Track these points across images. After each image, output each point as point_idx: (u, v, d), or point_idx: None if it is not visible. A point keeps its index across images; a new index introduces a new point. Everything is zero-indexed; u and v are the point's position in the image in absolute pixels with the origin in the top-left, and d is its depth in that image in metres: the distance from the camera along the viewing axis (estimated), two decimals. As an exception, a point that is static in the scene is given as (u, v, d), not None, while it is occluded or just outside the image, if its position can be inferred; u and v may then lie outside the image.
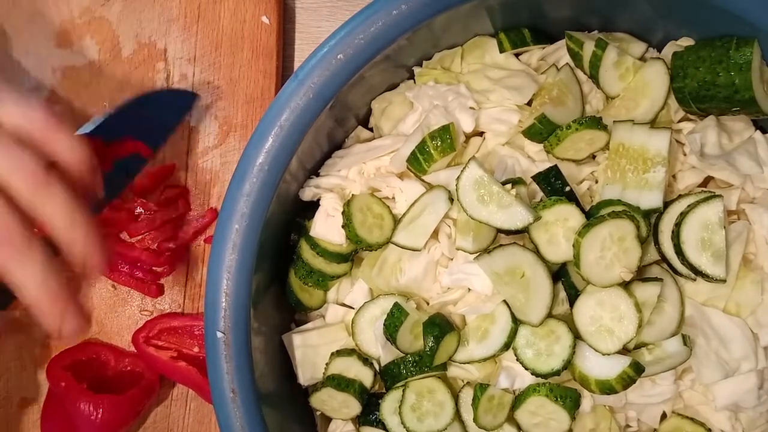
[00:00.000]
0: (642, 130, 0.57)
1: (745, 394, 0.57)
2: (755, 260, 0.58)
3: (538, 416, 0.57)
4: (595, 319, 0.55)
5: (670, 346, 0.55)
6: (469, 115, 0.61)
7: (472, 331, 0.58)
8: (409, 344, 0.58)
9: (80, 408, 0.69)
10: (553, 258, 0.56)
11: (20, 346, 0.76)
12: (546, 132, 0.59)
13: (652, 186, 0.56)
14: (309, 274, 0.63)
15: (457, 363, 0.59)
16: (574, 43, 0.61)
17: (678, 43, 0.60)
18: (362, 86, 0.62)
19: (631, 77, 0.59)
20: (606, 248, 0.54)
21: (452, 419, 0.58)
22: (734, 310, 0.57)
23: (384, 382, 0.61)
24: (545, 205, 0.56)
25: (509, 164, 0.60)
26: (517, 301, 0.56)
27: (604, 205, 0.56)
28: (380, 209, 0.61)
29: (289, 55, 0.80)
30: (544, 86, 0.60)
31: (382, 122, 0.66)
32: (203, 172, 0.77)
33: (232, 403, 0.57)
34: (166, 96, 0.76)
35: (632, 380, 0.54)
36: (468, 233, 0.58)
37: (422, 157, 0.59)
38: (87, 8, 0.78)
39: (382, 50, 0.58)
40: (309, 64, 0.57)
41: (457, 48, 0.65)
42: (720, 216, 0.54)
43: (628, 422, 0.60)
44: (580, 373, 0.56)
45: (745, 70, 0.54)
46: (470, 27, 0.63)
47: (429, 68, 0.65)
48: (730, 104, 0.56)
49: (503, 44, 0.62)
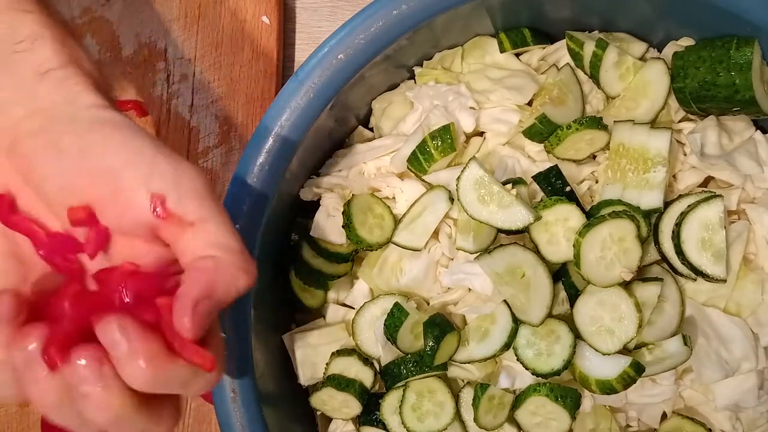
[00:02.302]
0: (642, 130, 0.57)
1: (746, 394, 0.57)
2: (755, 260, 0.58)
3: (539, 416, 0.57)
4: (596, 319, 0.55)
5: (670, 346, 0.55)
6: (469, 115, 0.61)
7: (473, 331, 0.58)
8: (410, 344, 0.58)
9: (80, 408, 0.69)
10: (554, 258, 0.56)
11: (20, 346, 0.76)
12: (546, 132, 0.59)
13: (653, 186, 0.56)
14: (309, 274, 0.63)
15: (457, 363, 0.59)
16: (575, 43, 0.61)
17: (678, 43, 0.60)
18: (362, 86, 0.62)
19: (631, 77, 0.59)
20: (606, 248, 0.54)
21: (452, 419, 0.58)
22: (734, 310, 0.57)
23: (384, 382, 0.61)
24: (545, 205, 0.56)
25: (509, 164, 0.60)
26: (517, 301, 0.56)
27: (604, 205, 0.56)
28: (381, 209, 0.61)
29: (289, 55, 0.80)
30: (545, 86, 0.60)
31: (383, 122, 0.66)
32: (203, 171, 0.77)
33: (232, 403, 0.57)
34: None
35: (633, 380, 0.54)
36: (468, 233, 0.58)
37: (423, 157, 0.59)
38: (87, 8, 0.78)
39: (383, 50, 0.58)
40: (309, 64, 0.58)
41: (457, 48, 0.65)
42: (720, 216, 0.54)
43: (628, 422, 0.60)
44: (581, 372, 0.56)
45: (746, 70, 0.54)
46: (471, 27, 0.63)
47: (429, 68, 0.65)
48: (730, 104, 0.56)
49: (504, 44, 0.63)
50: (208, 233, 0.38)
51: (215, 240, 0.38)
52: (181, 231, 0.38)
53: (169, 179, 0.38)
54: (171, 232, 0.38)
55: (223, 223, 0.39)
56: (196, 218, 0.38)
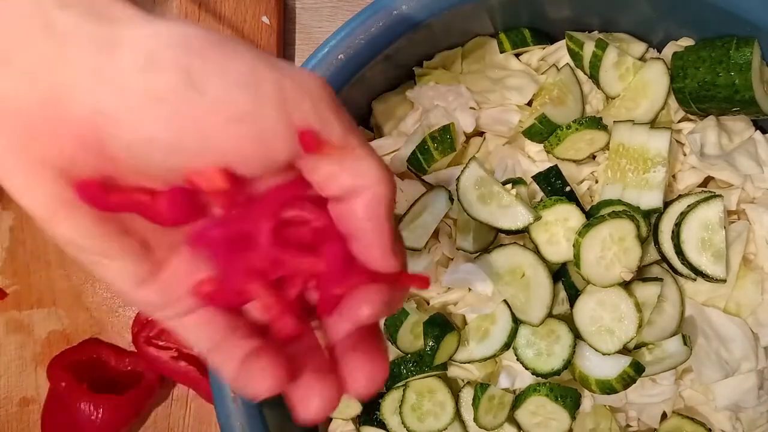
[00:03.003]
0: (642, 130, 0.57)
1: (745, 393, 0.57)
2: (755, 260, 0.58)
3: (539, 416, 0.57)
4: (596, 319, 0.55)
5: (670, 346, 0.55)
6: (469, 115, 0.61)
7: (473, 331, 0.58)
8: (410, 344, 0.58)
9: (81, 408, 0.69)
10: (553, 258, 0.56)
11: (20, 346, 0.76)
12: (546, 132, 0.59)
13: (652, 186, 0.56)
14: (309, 274, 0.63)
15: (457, 363, 0.59)
16: (575, 44, 0.61)
17: (678, 43, 0.60)
18: (362, 86, 0.62)
19: (631, 77, 0.59)
20: (606, 248, 0.54)
21: (452, 419, 0.58)
22: (734, 310, 0.57)
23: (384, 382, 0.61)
24: (545, 205, 0.56)
25: (509, 164, 0.60)
26: (517, 300, 0.56)
27: (604, 205, 0.56)
28: (380, 209, 0.61)
29: (289, 55, 0.80)
30: (545, 86, 0.61)
31: (383, 122, 0.66)
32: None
33: (232, 403, 0.57)
34: None
35: (632, 380, 0.54)
36: (468, 233, 0.58)
37: (423, 157, 0.59)
38: (87, 8, 0.78)
39: (383, 50, 0.58)
40: (309, 64, 0.58)
41: (457, 48, 0.65)
42: (720, 216, 0.54)
43: (628, 422, 0.60)
44: (581, 372, 0.56)
45: (745, 70, 0.54)
46: (470, 27, 0.63)
47: (429, 68, 0.65)
48: (730, 104, 0.56)
49: (503, 44, 0.63)
50: (357, 162, 0.32)
51: (366, 167, 0.32)
52: (324, 159, 0.31)
53: (305, 102, 0.31)
54: (310, 159, 0.32)
55: (367, 146, 0.33)
56: (342, 143, 0.32)
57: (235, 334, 0.34)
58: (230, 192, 0.31)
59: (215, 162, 0.30)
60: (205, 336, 0.34)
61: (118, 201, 0.31)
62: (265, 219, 0.32)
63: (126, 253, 0.32)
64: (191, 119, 0.29)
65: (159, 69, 0.29)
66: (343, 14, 0.79)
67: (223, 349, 0.33)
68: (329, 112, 0.31)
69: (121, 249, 0.32)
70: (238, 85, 0.29)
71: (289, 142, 0.30)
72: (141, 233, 0.33)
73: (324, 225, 0.33)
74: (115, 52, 0.29)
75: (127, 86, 0.29)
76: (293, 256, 0.33)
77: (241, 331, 0.34)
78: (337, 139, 0.31)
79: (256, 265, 0.32)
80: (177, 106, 0.29)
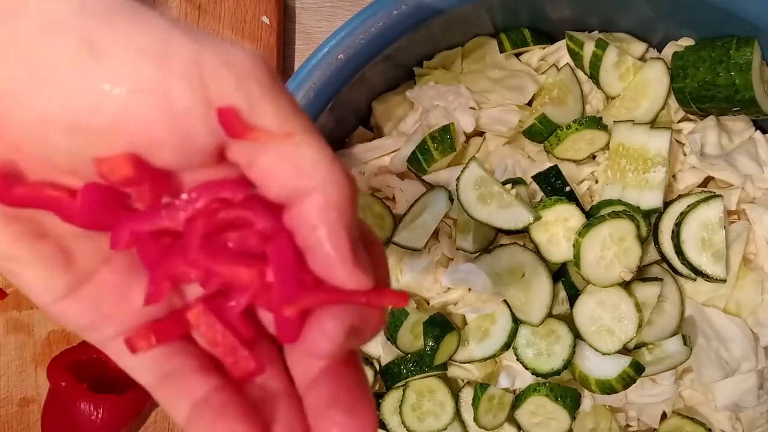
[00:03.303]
0: (642, 130, 0.57)
1: (745, 393, 0.57)
2: (755, 260, 0.58)
3: (539, 416, 0.57)
4: (596, 319, 0.55)
5: (670, 346, 0.55)
6: (469, 115, 0.61)
7: (473, 331, 0.58)
8: (410, 344, 0.58)
9: (81, 408, 0.69)
10: (553, 258, 0.56)
11: (20, 346, 0.76)
12: (546, 132, 0.59)
13: (652, 186, 0.56)
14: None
15: (457, 363, 0.59)
16: (575, 44, 0.61)
17: (678, 43, 0.60)
18: (362, 86, 0.62)
19: (631, 77, 0.59)
20: (606, 248, 0.54)
21: (452, 419, 0.58)
22: (734, 310, 0.57)
23: (384, 382, 0.61)
24: (545, 205, 0.56)
25: (509, 164, 0.60)
26: (517, 300, 0.56)
27: (604, 205, 0.56)
28: (380, 209, 0.61)
29: (289, 55, 0.80)
30: (545, 86, 0.60)
31: (383, 122, 0.66)
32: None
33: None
34: None
35: (632, 380, 0.54)
36: (468, 233, 0.58)
37: (423, 157, 0.59)
38: (87, 8, 0.78)
39: (383, 50, 0.58)
40: (309, 64, 0.57)
41: (457, 48, 0.65)
42: (720, 216, 0.54)
43: (628, 422, 0.60)
44: (581, 372, 0.56)
45: (746, 70, 0.54)
46: (470, 27, 0.63)
47: (429, 68, 0.65)
48: (730, 104, 0.56)
49: (504, 44, 0.63)
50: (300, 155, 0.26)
51: (311, 162, 0.26)
52: (259, 149, 0.26)
53: (227, 78, 0.26)
54: (244, 151, 0.27)
55: (314, 133, 0.27)
56: (278, 130, 0.26)
57: (188, 364, 0.28)
58: (152, 187, 0.26)
59: (124, 148, 0.26)
60: (150, 365, 0.29)
61: (24, 194, 0.27)
62: (193, 219, 0.27)
63: (40, 259, 0.28)
64: (87, 92, 0.25)
65: (57, 34, 0.25)
66: (343, 14, 0.79)
67: (173, 385, 0.28)
68: (261, 92, 0.26)
69: (33, 254, 0.28)
70: (144, 53, 0.25)
71: (208, 123, 0.26)
72: (61, 239, 0.28)
73: (272, 229, 0.27)
74: (17, 17, 0.25)
75: (21, 56, 0.25)
76: (228, 265, 0.27)
77: (195, 361, 0.29)
78: (270, 123, 0.26)
79: (181, 276, 0.27)
80: (72, 78, 0.25)
